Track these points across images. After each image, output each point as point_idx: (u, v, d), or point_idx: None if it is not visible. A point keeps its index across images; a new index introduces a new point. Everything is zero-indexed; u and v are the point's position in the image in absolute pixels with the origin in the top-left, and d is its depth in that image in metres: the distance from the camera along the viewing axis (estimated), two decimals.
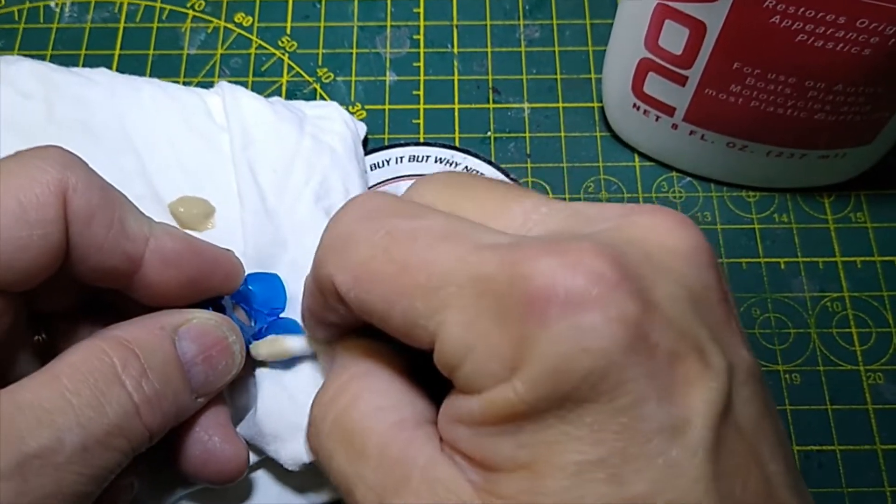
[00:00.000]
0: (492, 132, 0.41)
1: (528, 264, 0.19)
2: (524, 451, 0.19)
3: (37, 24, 0.44)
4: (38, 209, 0.24)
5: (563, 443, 0.19)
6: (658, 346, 0.19)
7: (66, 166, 0.25)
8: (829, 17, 0.30)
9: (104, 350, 0.25)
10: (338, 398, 0.24)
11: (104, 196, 0.26)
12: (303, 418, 0.29)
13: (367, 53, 0.43)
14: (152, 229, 0.27)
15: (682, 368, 0.19)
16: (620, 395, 0.18)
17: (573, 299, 0.18)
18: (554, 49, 0.43)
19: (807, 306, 0.38)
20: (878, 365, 0.36)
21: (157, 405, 0.25)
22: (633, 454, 0.18)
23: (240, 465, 0.29)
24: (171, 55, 0.43)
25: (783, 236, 0.39)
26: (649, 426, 0.18)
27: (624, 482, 0.18)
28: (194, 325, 0.27)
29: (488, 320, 0.20)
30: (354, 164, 0.36)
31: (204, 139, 0.35)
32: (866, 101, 0.33)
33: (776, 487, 0.20)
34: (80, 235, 0.25)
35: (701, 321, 0.20)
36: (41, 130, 0.34)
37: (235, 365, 0.29)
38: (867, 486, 0.34)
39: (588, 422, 0.19)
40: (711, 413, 0.19)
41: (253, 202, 0.33)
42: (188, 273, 0.28)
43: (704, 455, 0.19)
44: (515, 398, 0.19)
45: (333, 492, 0.32)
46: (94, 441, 0.23)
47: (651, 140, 0.40)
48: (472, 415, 0.20)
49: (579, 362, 0.18)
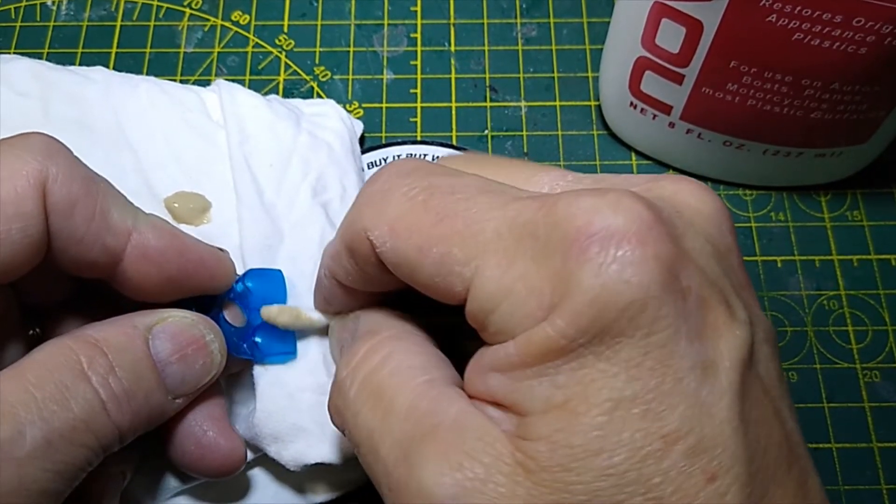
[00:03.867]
0: (489, 130, 0.41)
1: (569, 206, 0.20)
2: (559, 391, 0.19)
3: (33, 23, 0.44)
4: (17, 202, 0.24)
5: (598, 380, 0.19)
6: (690, 290, 0.19)
7: (48, 155, 0.25)
8: (826, 16, 0.30)
9: (70, 347, 0.25)
10: (369, 357, 0.24)
11: (86, 187, 0.25)
12: (302, 419, 0.30)
13: (365, 52, 0.43)
14: (137, 222, 0.27)
15: (711, 315, 0.20)
16: (656, 331, 0.19)
17: (615, 235, 0.19)
18: (551, 48, 0.43)
19: (803, 304, 0.38)
20: (874, 363, 0.37)
21: (125, 402, 0.25)
22: (667, 391, 0.19)
23: (236, 460, 0.29)
24: (167, 53, 0.43)
25: (780, 234, 0.39)
26: (682, 364, 0.19)
27: (658, 418, 0.19)
28: (169, 324, 0.27)
29: (528, 261, 0.20)
30: (351, 161, 0.36)
31: (200, 136, 0.35)
32: (863, 100, 0.34)
33: (795, 445, 0.21)
34: (60, 227, 0.25)
35: (725, 277, 0.21)
36: (37, 128, 0.33)
37: (215, 365, 0.28)
38: (863, 483, 0.34)
39: (624, 357, 0.19)
40: (738, 359, 0.20)
41: (250, 197, 0.33)
42: (169, 271, 0.27)
43: (731, 398, 0.19)
44: (555, 334, 0.19)
45: (333, 492, 0.32)
46: (57, 436, 0.23)
47: (648, 138, 0.40)
48: (509, 358, 0.20)
49: (620, 294, 0.19)
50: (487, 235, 0.21)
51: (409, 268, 0.23)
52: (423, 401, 0.22)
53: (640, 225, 0.19)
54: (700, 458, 0.19)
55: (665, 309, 0.19)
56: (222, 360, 0.29)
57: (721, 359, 0.19)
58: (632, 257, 0.19)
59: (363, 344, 0.25)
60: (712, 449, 0.19)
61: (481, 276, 0.21)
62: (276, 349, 0.30)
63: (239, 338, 0.30)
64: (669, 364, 0.19)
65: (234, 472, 0.29)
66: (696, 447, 0.19)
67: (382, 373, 0.23)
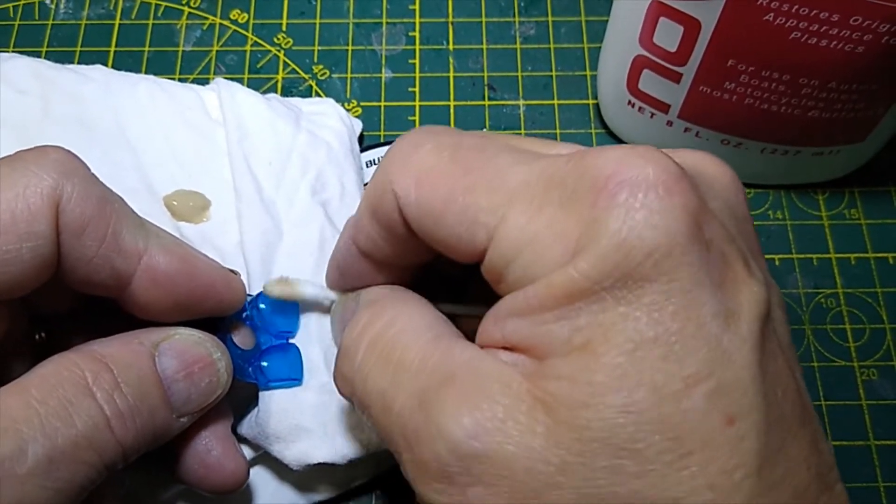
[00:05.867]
0: (487, 129, 0.41)
1: (598, 157, 0.20)
2: (580, 333, 0.20)
3: (32, 21, 0.44)
4: (29, 221, 0.24)
5: (620, 323, 0.19)
6: (713, 242, 0.20)
7: (64, 173, 0.24)
8: (823, 14, 0.30)
9: (75, 362, 0.24)
10: (373, 322, 0.24)
11: (100, 207, 0.25)
12: (305, 419, 0.30)
13: (363, 50, 0.43)
14: (148, 244, 0.26)
15: (731, 270, 0.20)
16: (680, 277, 0.19)
17: (643, 182, 0.19)
18: (549, 46, 0.43)
19: (801, 302, 0.38)
20: (871, 361, 0.37)
21: (130, 420, 0.25)
22: (689, 334, 0.19)
23: (239, 479, 0.29)
24: (166, 52, 0.43)
25: (777, 233, 0.39)
26: (704, 311, 0.19)
27: (679, 360, 0.19)
28: (176, 342, 0.27)
29: (555, 208, 0.20)
30: (350, 159, 0.36)
31: (199, 134, 0.35)
32: (860, 99, 0.34)
33: (807, 405, 0.21)
34: (71, 247, 0.25)
35: (744, 239, 0.21)
36: (37, 127, 0.34)
37: (221, 384, 0.28)
38: (861, 481, 0.34)
39: (646, 302, 0.19)
40: (757, 311, 0.20)
41: (249, 194, 0.33)
42: (177, 295, 0.27)
43: (752, 346, 0.19)
44: (578, 276, 0.19)
45: (333, 490, 0.32)
46: (60, 453, 0.23)
47: (646, 137, 0.40)
48: (528, 301, 0.20)
49: (646, 239, 0.19)
50: (515, 185, 0.21)
51: (433, 220, 0.22)
52: (435, 353, 0.22)
53: (669, 176, 0.20)
54: (720, 401, 0.19)
55: (689, 257, 0.19)
56: (228, 380, 0.28)
57: (741, 310, 0.20)
58: (660, 205, 0.19)
59: (366, 311, 0.25)
60: (732, 393, 0.19)
61: (507, 223, 0.21)
62: (283, 375, 0.30)
63: (245, 361, 0.30)
64: (692, 309, 0.19)
65: (237, 491, 0.29)
66: (717, 390, 0.19)
67: (389, 333, 0.23)
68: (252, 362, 0.30)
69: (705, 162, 0.23)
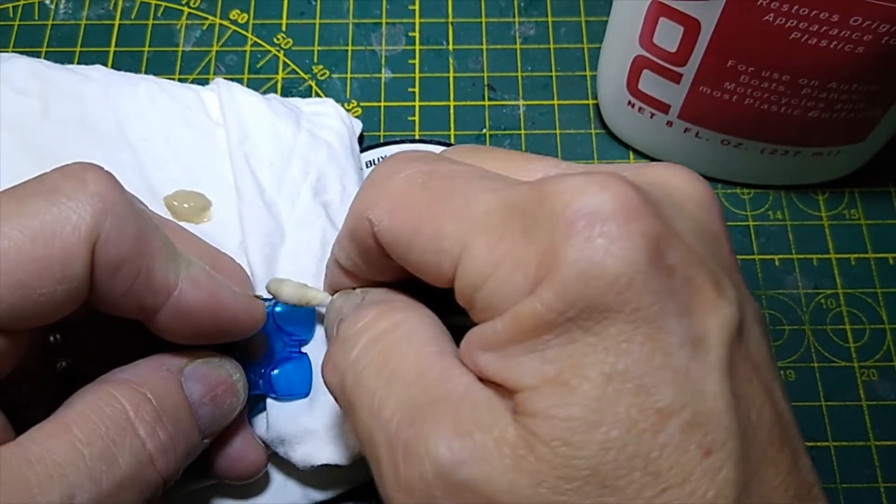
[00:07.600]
0: (487, 129, 0.41)
1: (557, 185, 0.20)
2: (550, 366, 0.19)
3: (32, 21, 0.44)
4: (64, 264, 0.23)
5: (588, 354, 0.19)
6: (676, 268, 0.20)
7: (104, 210, 0.24)
8: (823, 14, 0.30)
9: (114, 395, 0.24)
10: (379, 320, 0.24)
11: (135, 246, 0.24)
12: (311, 421, 0.30)
13: (363, 50, 0.43)
14: (178, 278, 0.26)
15: (699, 294, 0.20)
16: (644, 306, 0.19)
17: (601, 213, 0.19)
18: (549, 46, 0.43)
19: (801, 303, 0.38)
20: (872, 361, 0.37)
21: (171, 451, 0.25)
22: (657, 366, 0.19)
23: (260, 467, 0.30)
24: (166, 52, 0.43)
25: (777, 233, 0.39)
26: (671, 339, 0.19)
27: (650, 393, 0.19)
28: (200, 366, 0.27)
29: (516, 238, 0.20)
30: (350, 160, 0.36)
31: (200, 134, 0.35)
32: (860, 99, 0.34)
33: (787, 425, 0.21)
34: (102, 283, 0.24)
35: (713, 258, 0.21)
36: (37, 127, 0.34)
37: (240, 402, 0.28)
38: (861, 482, 0.34)
39: (613, 332, 0.19)
40: (726, 335, 0.20)
41: (251, 194, 0.33)
42: (201, 328, 0.27)
43: (721, 374, 0.19)
44: (542, 308, 0.19)
45: (335, 489, 0.32)
46: (105, 496, 0.23)
47: (646, 137, 0.40)
48: (497, 335, 0.20)
49: (607, 268, 0.19)
50: (479, 214, 0.21)
51: (403, 246, 0.23)
52: (434, 368, 0.22)
53: (627, 204, 0.19)
54: (695, 433, 0.19)
55: (652, 285, 0.19)
56: (245, 396, 0.29)
57: (709, 335, 0.20)
58: (619, 233, 0.19)
59: (373, 308, 0.25)
60: (706, 423, 0.19)
61: (470, 252, 0.21)
62: (293, 390, 0.30)
63: (255, 374, 0.30)
64: (658, 339, 0.19)
65: (258, 476, 0.30)
66: (691, 422, 0.19)
67: (394, 336, 0.23)
68: (261, 373, 0.30)
69: (676, 179, 0.23)
